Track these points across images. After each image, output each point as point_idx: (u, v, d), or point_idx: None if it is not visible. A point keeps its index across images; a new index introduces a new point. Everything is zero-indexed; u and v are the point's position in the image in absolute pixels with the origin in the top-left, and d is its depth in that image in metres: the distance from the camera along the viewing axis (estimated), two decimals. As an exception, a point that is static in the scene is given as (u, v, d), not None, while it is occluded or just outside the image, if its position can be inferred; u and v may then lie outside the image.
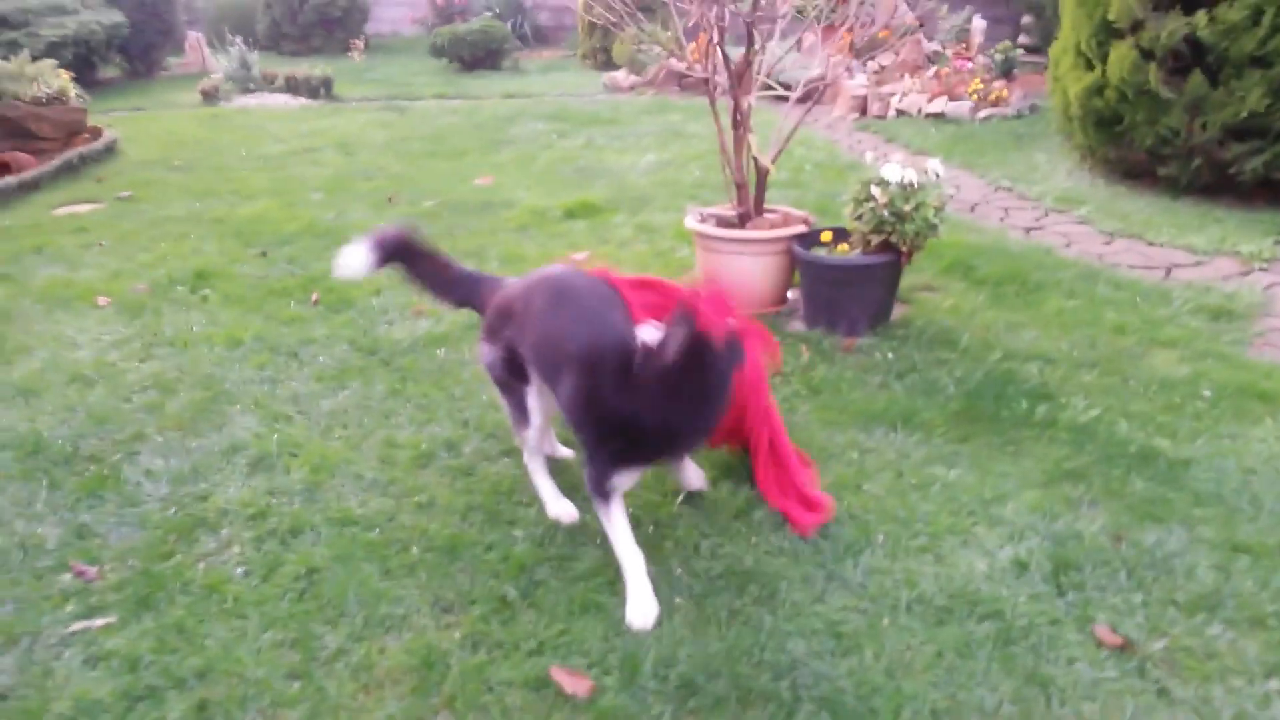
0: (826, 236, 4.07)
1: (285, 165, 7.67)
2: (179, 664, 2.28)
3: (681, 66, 4.73)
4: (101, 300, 4.65)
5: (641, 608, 2.35)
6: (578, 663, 2.25)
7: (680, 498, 2.84)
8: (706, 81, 4.28)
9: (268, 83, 11.92)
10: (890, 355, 3.75)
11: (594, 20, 5.02)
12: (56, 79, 7.91)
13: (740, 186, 4.22)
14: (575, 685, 2.17)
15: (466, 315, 4.31)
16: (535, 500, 2.86)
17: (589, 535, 2.70)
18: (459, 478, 3.04)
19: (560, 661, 2.25)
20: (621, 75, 12.03)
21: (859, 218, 3.93)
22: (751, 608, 2.38)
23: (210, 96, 11.30)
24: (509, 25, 15.19)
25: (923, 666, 2.17)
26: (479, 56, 13.97)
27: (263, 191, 6.76)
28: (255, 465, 3.17)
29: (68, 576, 2.64)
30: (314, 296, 4.61)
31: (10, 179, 6.77)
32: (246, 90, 11.72)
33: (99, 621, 2.44)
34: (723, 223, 4.25)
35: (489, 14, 15.42)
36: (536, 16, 17.32)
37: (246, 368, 3.88)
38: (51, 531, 2.84)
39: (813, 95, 4.46)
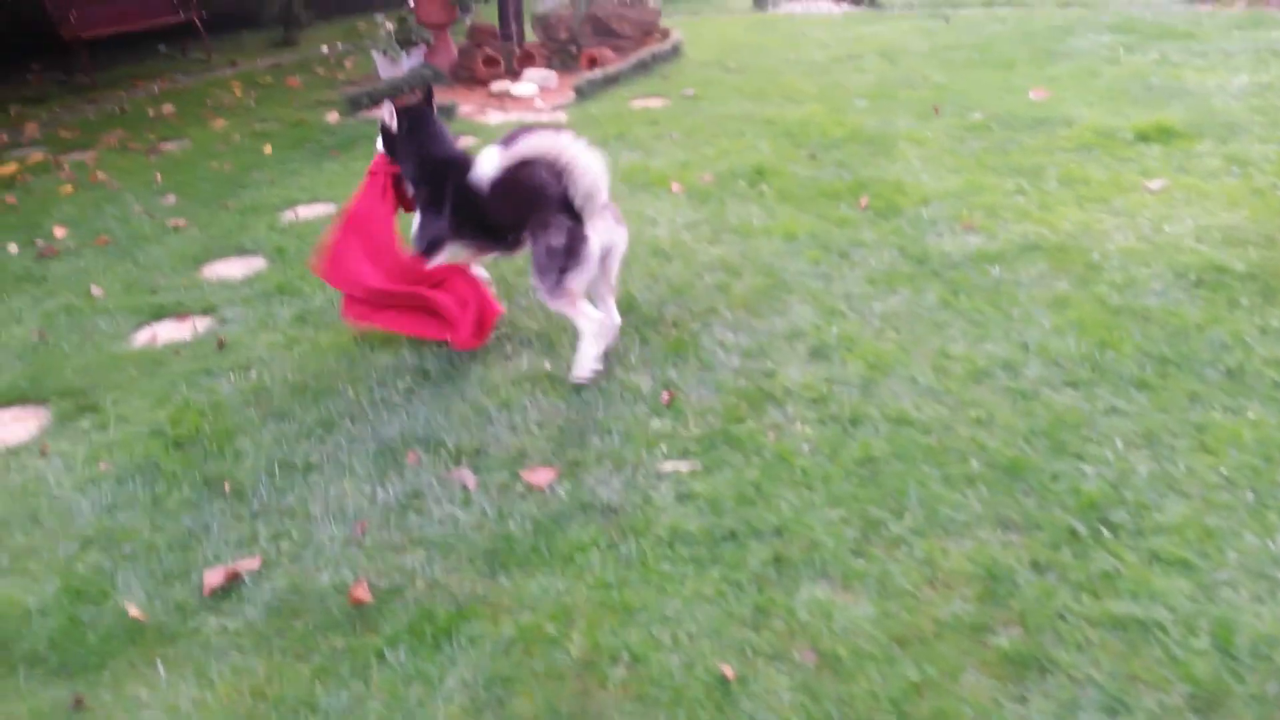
0: None
1: (829, 71, 7.80)
2: (757, 517, 2.52)
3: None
4: (675, 186, 5.15)
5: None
6: (1162, 615, 2.09)
7: None
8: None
9: (813, -10, 12.12)
10: None
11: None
12: (638, -18, 8.74)
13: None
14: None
15: (1021, 235, 4.12)
16: (1105, 438, 2.69)
17: (1171, 485, 2.47)
18: (1019, 400, 2.94)
19: (1142, 612, 2.11)
20: (1203, -17, 10.39)
21: None
22: None
23: (759, 3, 11.81)
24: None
25: None
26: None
27: (810, 96, 6.96)
28: (814, 353, 3.34)
29: (659, 421, 3.03)
30: (863, 201, 4.68)
31: (597, 72, 7.70)
32: (792, -4, 12.05)
33: (685, 466, 2.77)
34: (1369, 157, 3.52)
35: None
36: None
37: (801, 261, 4.07)
38: (644, 381, 3.26)
39: None
